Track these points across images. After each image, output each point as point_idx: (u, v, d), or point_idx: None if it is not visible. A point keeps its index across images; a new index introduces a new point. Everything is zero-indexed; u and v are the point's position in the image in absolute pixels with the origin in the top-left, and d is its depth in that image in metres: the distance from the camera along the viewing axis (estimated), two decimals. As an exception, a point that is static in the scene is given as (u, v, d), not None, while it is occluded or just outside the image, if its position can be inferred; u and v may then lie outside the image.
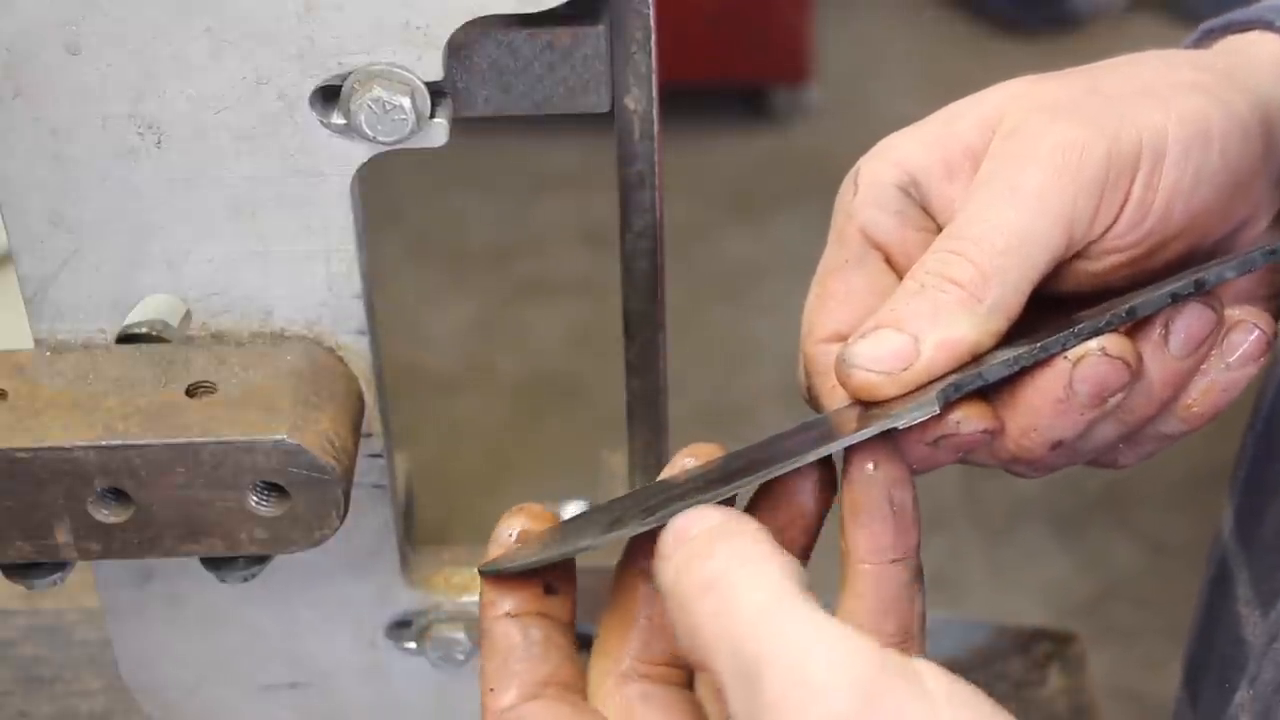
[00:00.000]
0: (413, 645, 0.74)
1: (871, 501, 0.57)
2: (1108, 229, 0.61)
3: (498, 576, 0.60)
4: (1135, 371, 0.58)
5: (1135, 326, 0.59)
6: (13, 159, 0.61)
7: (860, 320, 0.61)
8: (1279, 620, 0.65)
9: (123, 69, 0.59)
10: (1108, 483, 2.53)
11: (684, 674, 0.61)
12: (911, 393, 0.58)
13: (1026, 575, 2.43)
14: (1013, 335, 0.60)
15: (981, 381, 0.57)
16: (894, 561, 0.58)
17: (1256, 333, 0.60)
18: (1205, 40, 0.71)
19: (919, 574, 0.59)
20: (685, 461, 0.62)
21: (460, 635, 0.73)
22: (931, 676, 0.46)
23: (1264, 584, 0.69)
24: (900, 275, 0.63)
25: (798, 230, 3.02)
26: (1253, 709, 0.65)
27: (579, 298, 2.89)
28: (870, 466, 0.57)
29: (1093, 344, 0.57)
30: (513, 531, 0.61)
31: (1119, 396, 0.58)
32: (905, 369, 0.58)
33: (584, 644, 0.70)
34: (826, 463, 0.59)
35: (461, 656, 0.73)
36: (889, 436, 0.58)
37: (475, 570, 0.74)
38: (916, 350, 0.58)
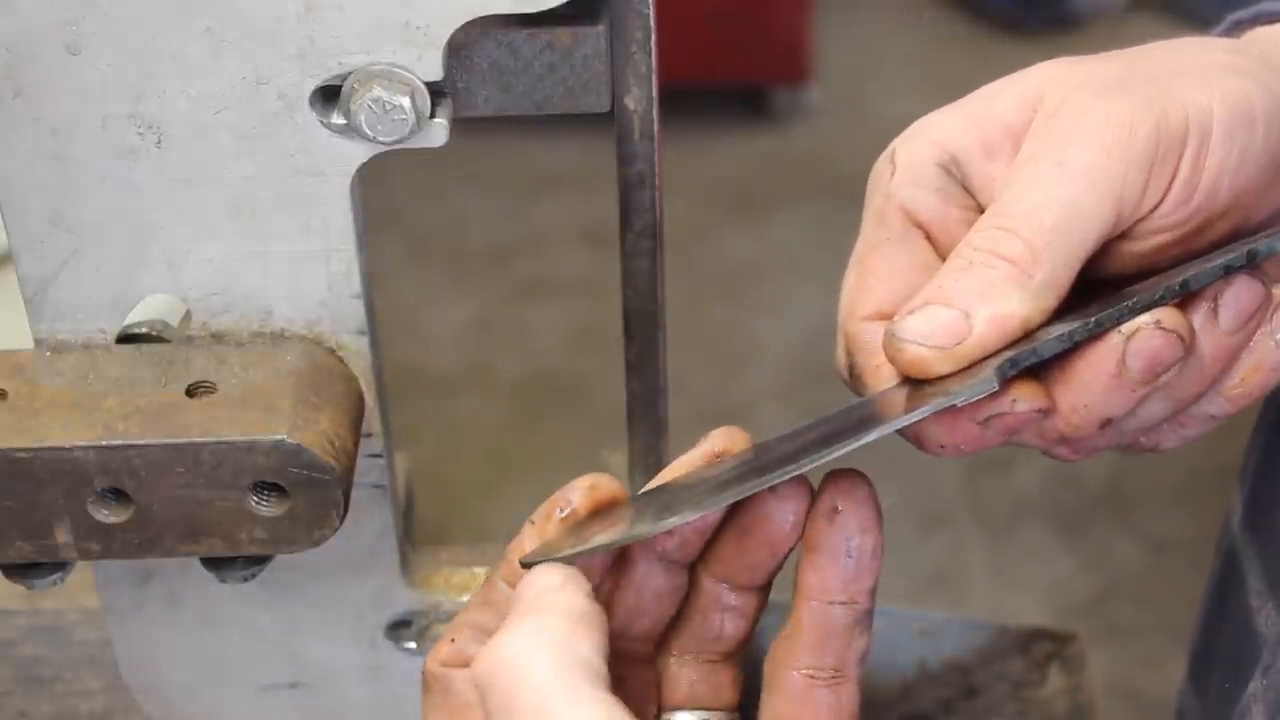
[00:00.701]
0: (413, 645, 0.73)
1: (828, 545, 0.58)
2: (1155, 207, 0.60)
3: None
4: (1189, 346, 0.58)
5: (1184, 302, 0.58)
6: (13, 159, 0.61)
7: (904, 298, 0.60)
8: None
9: (123, 69, 0.59)
10: (1109, 482, 2.53)
11: (650, 652, 0.62)
12: (962, 371, 0.58)
13: (1027, 574, 2.42)
14: (1061, 315, 0.59)
15: (1036, 357, 0.57)
16: (839, 604, 0.58)
17: None
18: (1233, 31, 0.71)
19: (866, 616, 0.59)
20: (714, 444, 0.62)
21: (460, 635, 0.73)
22: None
23: (1276, 575, 0.69)
24: (942, 255, 0.63)
25: (798, 230, 3.02)
26: (1265, 699, 0.65)
27: (579, 298, 2.89)
28: (836, 507, 0.58)
29: (1146, 318, 0.57)
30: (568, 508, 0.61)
31: (1172, 372, 0.58)
32: (958, 344, 0.57)
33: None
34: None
35: (462, 656, 0.73)
36: (863, 480, 0.58)
37: (474, 570, 0.74)
38: (968, 325, 0.58)
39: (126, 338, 0.64)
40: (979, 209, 0.63)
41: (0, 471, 0.59)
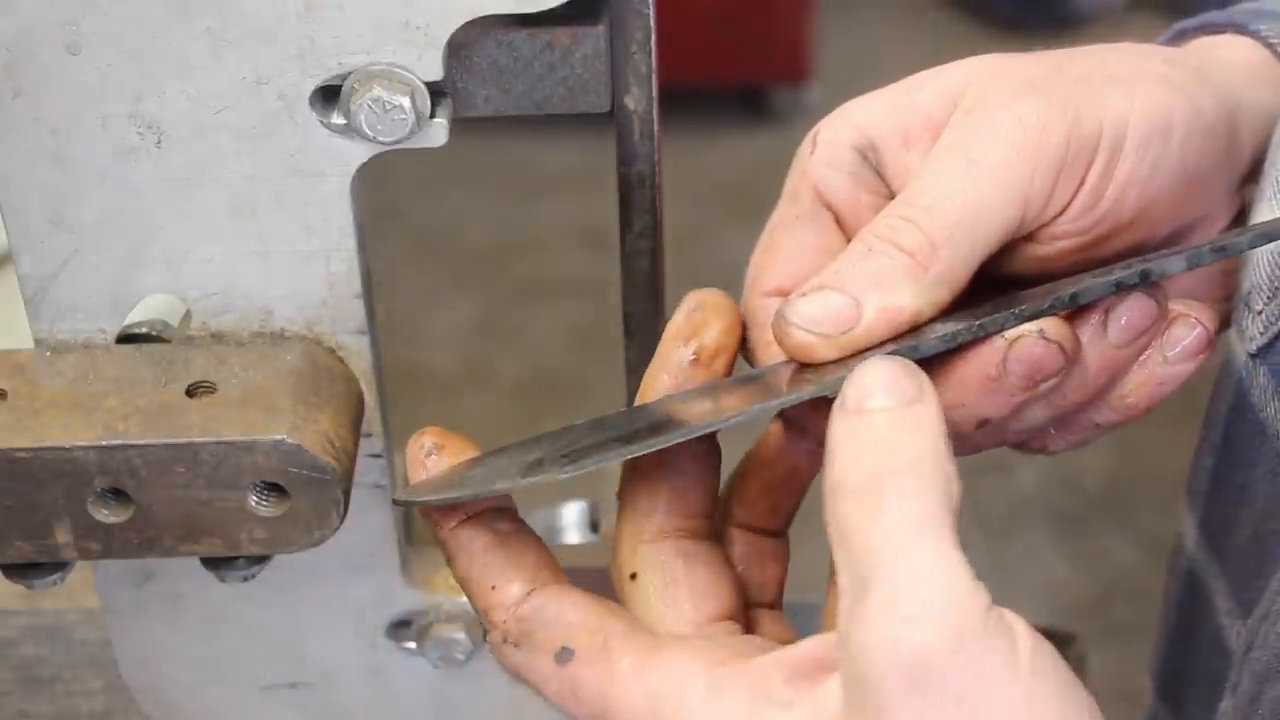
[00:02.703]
0: (413, 645, 0.73)
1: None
2: (1060, 212, 0.60)
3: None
4: (1071, 357, 0.57)
5: (1074, 312, 0.58)
6: (13, 159, 0.61)
7: (805, 277, 0.60)
8: (1255, 628, 0.65)
9: (123, 69, 0.59)
10: (1109, 483, 2.53)
11: (713, 526, 0.61)
12: (845, 359, 0.58)
13: (1027, 575, 2.43)
14: (952, 310, 0.59)
15: (916, 355, 0.57)
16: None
17: (1199, 329, 0.60)
18: (1179, 40, 0.71)
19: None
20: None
21: (460, 635, 0.73)
22: (1024, 639, 0.47)
23: (1244, 593, 0.69)
24: (849, 237, 0.63)
25: (798, 230, 3.01)
26: (1235, 717, 0.65)
27: (579, 298, 2.89)
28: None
29: (1030, 326, 0.57)
30: (428, 448, 0.61)
31: (1052, 381, 0.58)
32: (844, 333, 0.57)
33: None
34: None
35: (461, 656, 0.73)
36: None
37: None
38: (858, 314, 0.58)
39: (126, 338, 0.64)
40: (891, 196, 0.63)
41: (0, 471, 0.59)
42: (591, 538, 0.88)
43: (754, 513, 0.63)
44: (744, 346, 0.63)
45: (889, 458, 0.50)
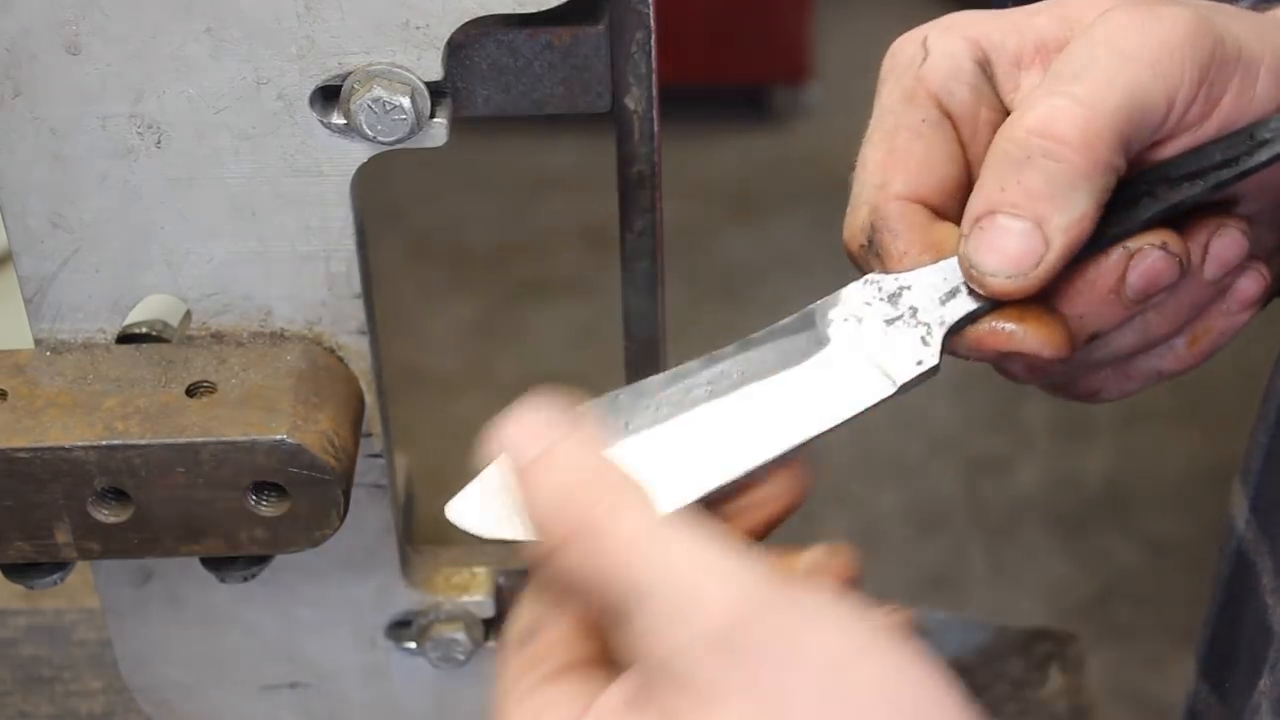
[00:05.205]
0: (413, 645, 0.73)
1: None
2: (1197, 126, 0.59)
3: None
4: (1186, 271, 0.58)
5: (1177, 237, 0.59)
6: (13, 159, 0.61)
7: (938, 188, 0.60)
8: None
9: (123, 69, 0.59)
10: (1108, 483, 2.53)
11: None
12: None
13: (1027, 575, 2.43)
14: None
15: (970, 320, 0.57)
16: None
17: (1259, 279, 0.62)
18: (1259, 7, 0.70)
19: None
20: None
21: (460, 635, 0.73)
22: (813, 595, 0.47)
23: None
24: (968, 154, 0.61)
25: (798, 230, 3.02)
26: (1272, 695, 0.65)
27: (579, 298, 2.89)
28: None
29: (1153, 238, 0.58)
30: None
31: (1162, 296, 0.59)
32: (1037, 265, 0.56)
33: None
34: None
35: (461, 656, 0.73)
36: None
37: (474, 570, 0.74)
38: (1044, 242, 0.56)
39: (126, 338, 0.64)
40: (1006, 114, 0.61)
41: (0, 471, 0.59)
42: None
43: None
44: (866, 250, 0.61)
45: (584, 498, 0.49)
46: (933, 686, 0.46)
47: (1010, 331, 0.58)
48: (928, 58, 0.62)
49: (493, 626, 0.74)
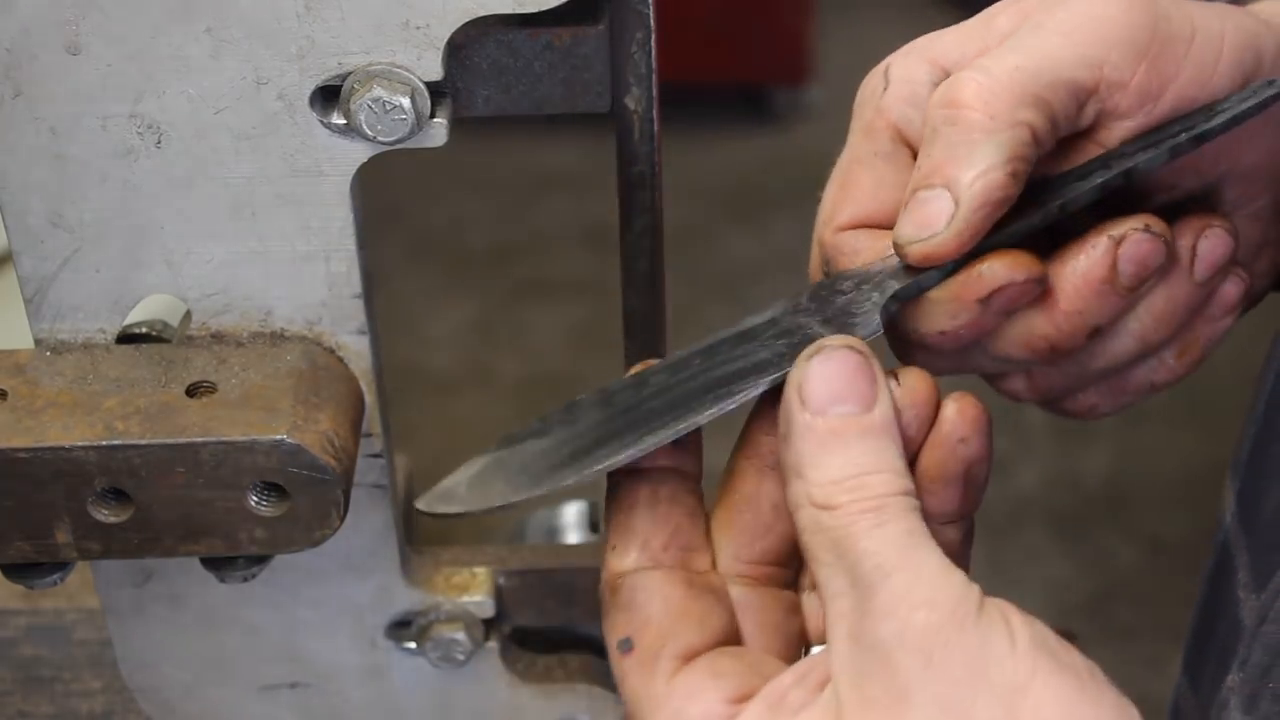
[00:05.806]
0: (413, 645, 0.73)
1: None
2: (1151, 104, 0.60)
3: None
4: (1171, 252, 0.60)
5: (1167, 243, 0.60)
6: (13, 159, 0.61)
7: (885, 212, 0.62)
8: (1269, 601, 0.65)
9: (123, 69, 0.59)
10: (1108, 483, 2.53)
11: (785, 573, 0.61)
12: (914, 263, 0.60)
13: (1027, 575, 2.42)
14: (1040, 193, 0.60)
15: (918, 289, 0.59)
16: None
17: (1238, 281, 0.63)
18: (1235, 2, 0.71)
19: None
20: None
21: (460, 635, 0.73)
22: (1017, 617, 0.53)
23: (1260, 565, 0.69)
24: None
25: (798, 230, 3.00)
26: (1241, 691, 0.65)
27: (579, 298, 2.89)
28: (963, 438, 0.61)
29: (1135, 222, 0.59)
30: None
31: (1153, 282, 0.60)
32: (949, 221, 0.58)
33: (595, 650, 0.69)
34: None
35: (461, 656, 0.73)
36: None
37: (474, 570, 0.74)
38: (954, 200, 0.58)
39: (126, 338, 0.64)
40: None
41: (0, 471, 0.59)
42: (591, 537, 0.88)
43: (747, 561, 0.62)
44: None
45: (873, 477, 0.54)
46: (1108, 705, 0.54)
47: (979, 274, 0.59)
48: (888, 87, 0.64)
49: (493, 626, 0.74)
